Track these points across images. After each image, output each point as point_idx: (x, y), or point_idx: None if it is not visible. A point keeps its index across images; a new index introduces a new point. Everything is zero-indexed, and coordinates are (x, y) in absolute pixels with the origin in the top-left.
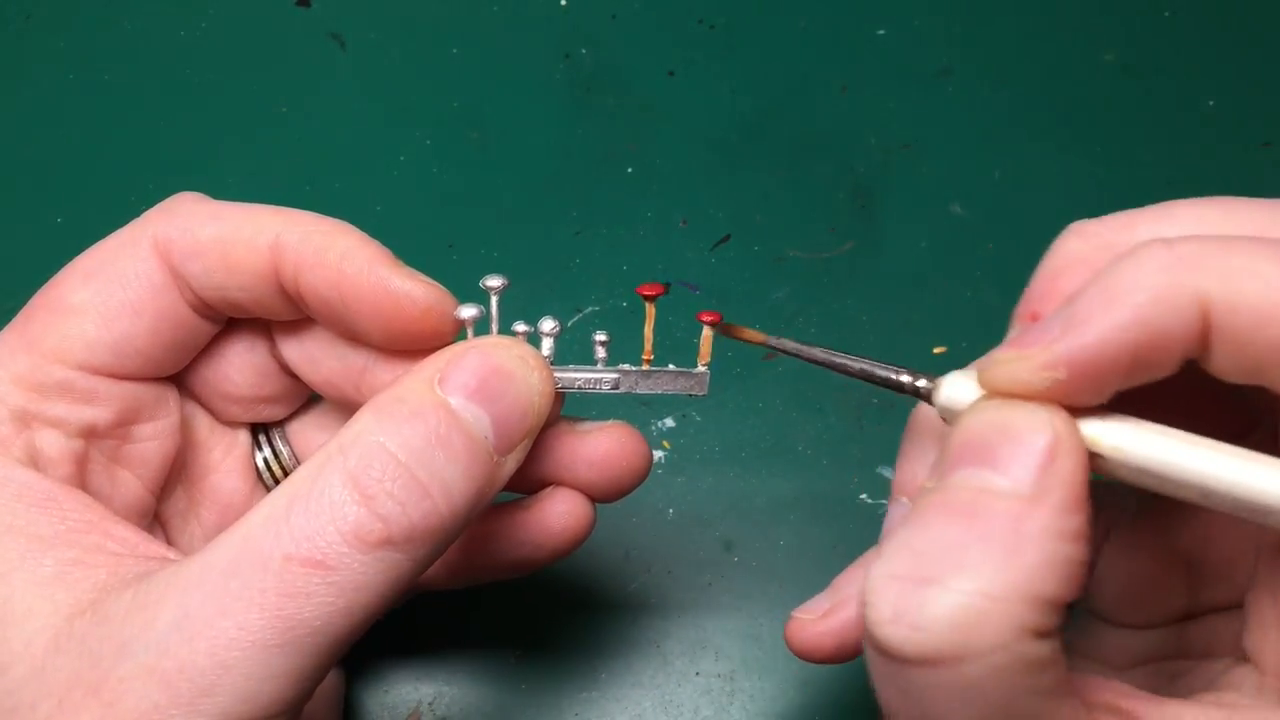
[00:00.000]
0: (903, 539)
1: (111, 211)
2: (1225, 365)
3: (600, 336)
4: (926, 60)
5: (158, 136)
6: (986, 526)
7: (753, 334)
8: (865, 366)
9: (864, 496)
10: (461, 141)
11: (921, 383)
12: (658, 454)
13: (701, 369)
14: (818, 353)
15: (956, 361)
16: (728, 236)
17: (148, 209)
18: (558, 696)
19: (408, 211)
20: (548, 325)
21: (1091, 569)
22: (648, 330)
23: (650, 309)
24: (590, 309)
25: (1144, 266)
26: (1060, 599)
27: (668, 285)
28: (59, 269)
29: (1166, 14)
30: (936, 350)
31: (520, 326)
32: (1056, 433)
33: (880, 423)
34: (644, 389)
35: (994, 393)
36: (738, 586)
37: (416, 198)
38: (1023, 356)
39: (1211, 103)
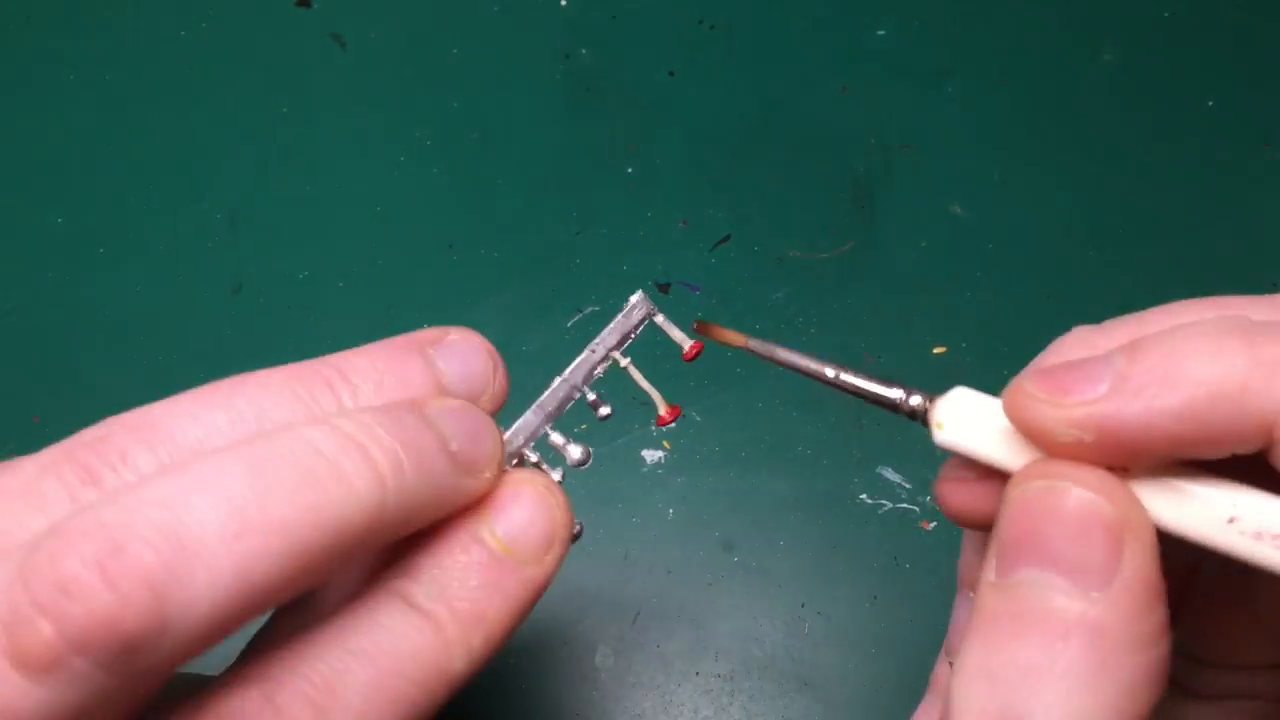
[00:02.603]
0: (977, 659)
1: (111, 211)
2: None
3: (604, 411)
4: (926, 60)
5: (158, 136)
6: (1064, 647)
7: (732, 335)
8: (853, 381)
9: (864, 496)
10: (461, 141)
11: (916, 400)
12: (658, 454)
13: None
14: (800, 360)
15: (957, 361)
16: (728, 236)
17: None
18: (558, 697)
19: (408, 211)
20: (576, 454)
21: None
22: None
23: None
24: (590, 309)
25: (1217, 358)
26: (1154, 702)
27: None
28: (59, 269)
29: (1166, 14)
30: (936, 350)
31: (555, 438)
32: (1119, 518)
33: (880, 423)
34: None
35: (1015, 425)
36: (738, 586)
37: (416, 198)
38: (1055, 403)
39: (1211, 103)
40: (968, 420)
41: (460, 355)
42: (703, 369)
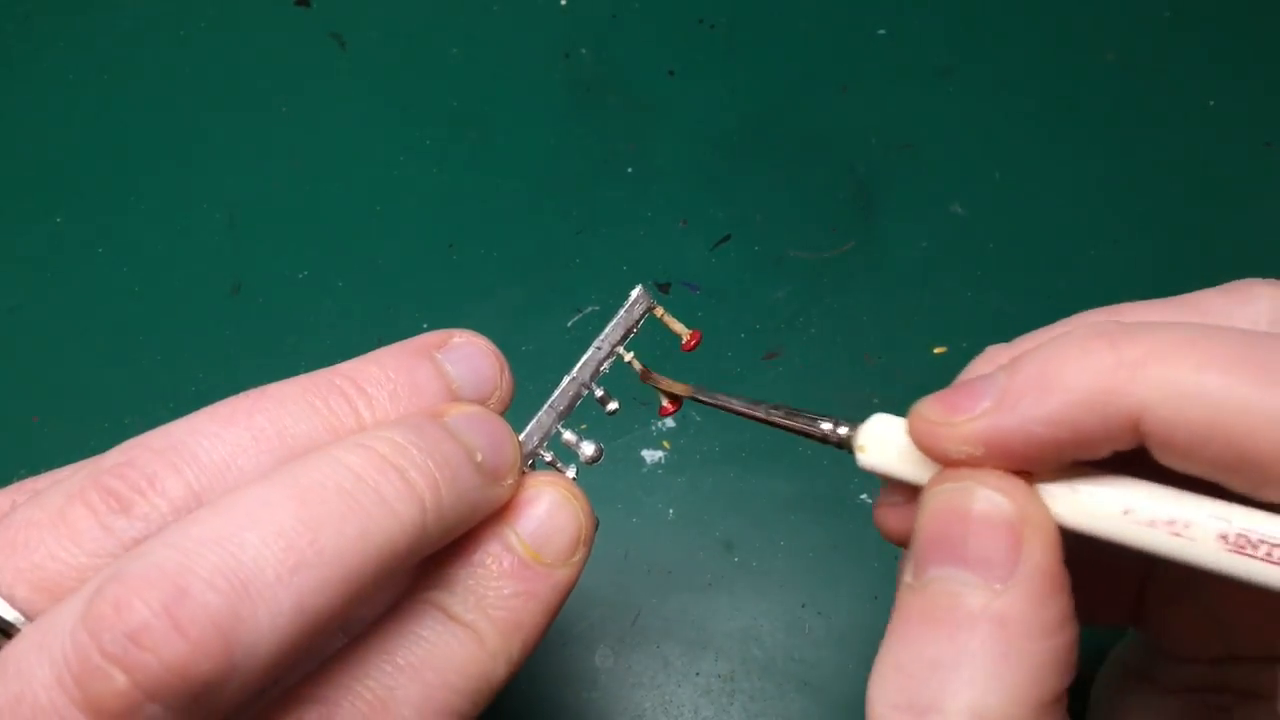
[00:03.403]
0: (891, 653)
1: (111, 211)
2: (1165, 461)
3: (612, 406)
4: (926, 60)
5: (158, 136)
6: (970, 637)
7: (676, 385)
8: (782, 419)
9: (864, 497)
10: (461, 141)
11: (843, 430)
12: (658, 454)
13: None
14: (736, 404)
15: (957, 361)
16: (728, 236)
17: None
18: (558, 697)
19: (408, 211)
20: (589, 450)
21: (1139, 603)
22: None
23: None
24: (590, 309)
25: (1083, 362)
26: (1060, 690)
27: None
28: (59, 269)
29: (1166, 14)
30: (937, 350)
31: (568, 436)
32: (1019, 515)
33: None
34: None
35: (918, 445)
36: (738, 586)
37: (416, 198)
38: (947, 422)
39: (1212, 103)
40: (885, 444)
41: (467, 358)
42: (703, 369)
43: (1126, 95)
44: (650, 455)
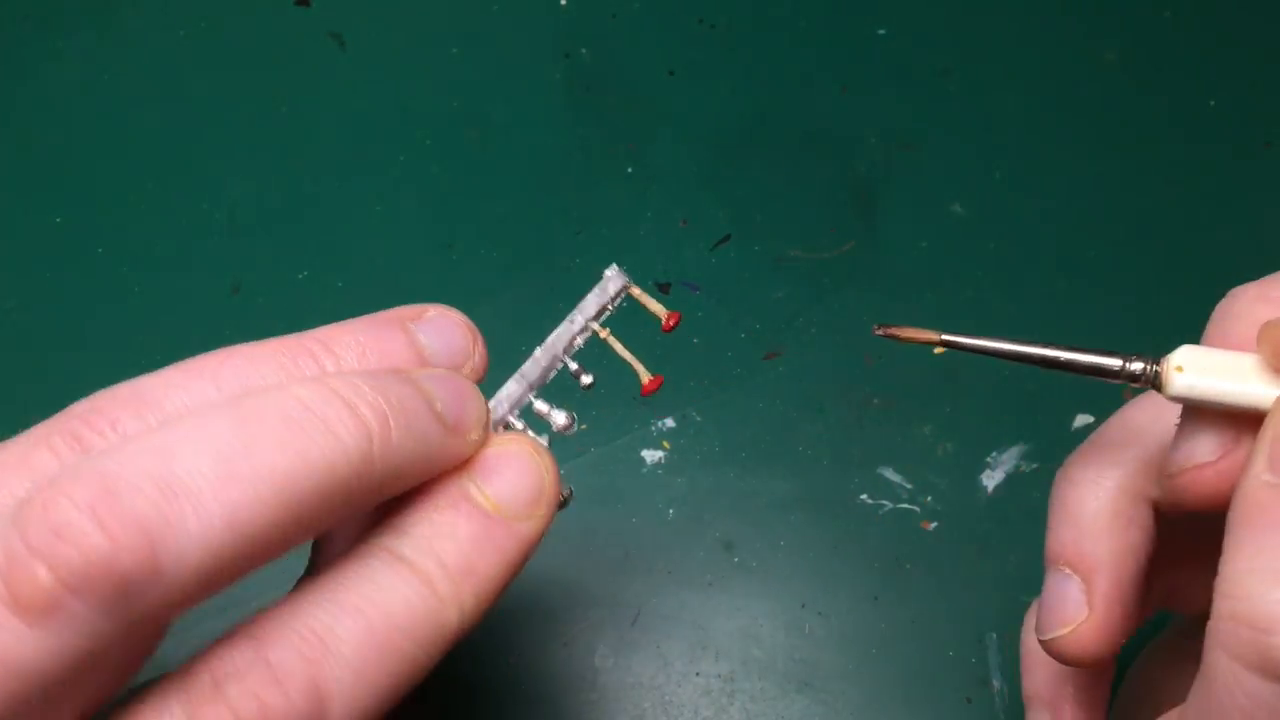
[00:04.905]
0: (1266, 559)
1: (111, 211)
2: None
3: (586, 380)
4: (926, 60)
5: (157, 136)
6: None
7: (922, 333)
8: (1067, 355)
9: (864, 496)
10: (461, 141)
11: (1136, 365)
12: (658, 454)
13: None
14: (1003, 346)
15: (957, 361)
16: (728, 236)
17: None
18: (557, 698)
19: (408, 211)
20: (560, 420)
21: None
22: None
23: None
24: None
25: None
26: None
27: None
28: (58, 269)
29: (1167, 14)
30: (937, 350)
31: (540, 406)
32: None
33: (881, 423)
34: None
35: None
36: (738, 586)
37: (416, 198)
38: None
39: (1212, 103)
40: (1204, 366)
41: (440, 330)
42: (703, 368)
43: (1127, 95)
44: (650, 455)
